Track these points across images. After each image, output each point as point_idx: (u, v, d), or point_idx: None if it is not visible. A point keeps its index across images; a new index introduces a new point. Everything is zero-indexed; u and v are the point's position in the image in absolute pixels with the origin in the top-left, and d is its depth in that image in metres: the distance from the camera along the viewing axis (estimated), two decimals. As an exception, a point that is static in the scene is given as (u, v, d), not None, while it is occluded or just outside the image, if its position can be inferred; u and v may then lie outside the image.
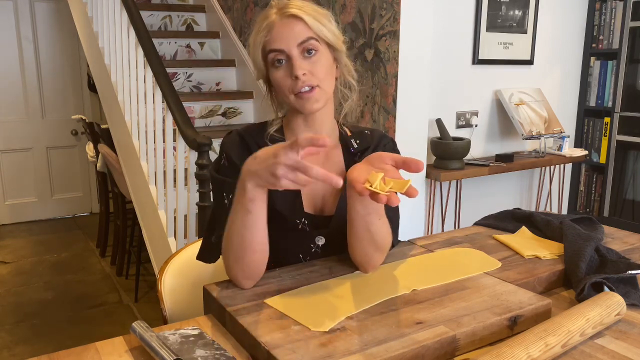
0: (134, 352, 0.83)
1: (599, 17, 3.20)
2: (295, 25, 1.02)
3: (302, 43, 1.02)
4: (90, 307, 3.22)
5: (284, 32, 1.02)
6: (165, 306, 1.18)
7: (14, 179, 4.77)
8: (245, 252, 0.94)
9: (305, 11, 1.03)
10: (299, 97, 1.04)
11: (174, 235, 2.54)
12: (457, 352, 0.82)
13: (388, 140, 1.19)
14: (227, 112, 3.57)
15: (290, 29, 1.02)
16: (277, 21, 1.03)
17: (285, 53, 1.02)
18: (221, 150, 1.11)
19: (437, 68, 2.66)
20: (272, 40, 1.03)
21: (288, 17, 1.03)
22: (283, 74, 1.04)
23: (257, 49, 1.05)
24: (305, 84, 1.02)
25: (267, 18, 1.05)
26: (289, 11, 1.03)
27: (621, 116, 3.12)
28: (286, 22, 1.03)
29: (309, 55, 1.03)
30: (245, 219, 0.92)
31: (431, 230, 2.75)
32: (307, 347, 0.78)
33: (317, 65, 1.03)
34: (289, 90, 1.04)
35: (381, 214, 0.99)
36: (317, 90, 1.04)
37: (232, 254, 0.96)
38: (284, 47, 1.02)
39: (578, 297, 0.99)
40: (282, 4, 1.06)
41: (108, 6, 3.06)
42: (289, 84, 1.03)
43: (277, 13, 1.04)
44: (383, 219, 1.00)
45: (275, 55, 1.03)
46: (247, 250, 0.94)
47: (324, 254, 1.13)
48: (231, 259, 0.96)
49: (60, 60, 4.82)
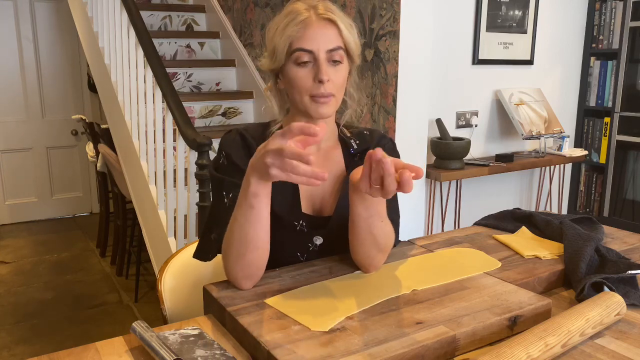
0: (134, 352, 0.83)
1: (599, 17, 3.20)
2: (329, 30, 1.03)
3: (332, 50, 1.03)
4: (90, 307, 3.22)
5: (318, 35, 1.02)
6: (165, 306, 1.18)
7: (14, 179, 4.77)
8: (247, 249, 0.94)
9: (340, 18, 1.04)
10: (315, 100, 1.04)
11: (174, 235, 2.54)
12: (457, 352, 0.82)
13: (387, 140, 1.19)
14: (227, 112, 3.57)
15: (324, 33, 1.02)
16: (313, 21, 1.02)
17: (313, 55, 1.03)
18: (220, 148, 1.11)
19: (437, 68, 2.65)
20: (304, 39, 1.02)
21: (325, 20, 1.03)
22: (305, 74, 1.03)
23: (283, 39, 1.03)
24: (327, 91, 1.03)
25: (300, 13, 1.03)
26: (326, 15, 1.03)
27: (621, 116, 3.12)
28: (322, 25, 1.03)
29: (334, 64, 1.04)
30: (248, 214, 0.91)
31: (431, 230, 2.75)
32: (307, 347, 0.78)
33: (338, 75, 1.05)
34: (306, 91, 1.04)
35: (383, 217, 0.99)
36: (333, 99, 1.05)
37: (233, 251, 0.95)
38: (314, 50, 1.02)
39: (578, 297, 0.99)
40: (314, 2, 1.05)
41: (108, 6, 3.06)
42: (309, 85, 1.03)
43: (311, 11, 1.03)
44: (385, 221, 1.00)
45: (302, 54, 1.02)
46: (249, 247, 0.94)
47: (321, 252, 1.13)
48: (232, 256, 0.96)
49: (60, 60, 4.82)
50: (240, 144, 1.10)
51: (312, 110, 1.05)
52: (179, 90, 3.43)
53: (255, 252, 0.95)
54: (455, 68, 2.79)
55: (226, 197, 1.05)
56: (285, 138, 0.80)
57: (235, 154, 1.08)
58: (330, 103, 1.05)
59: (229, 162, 1.08)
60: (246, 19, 3.57)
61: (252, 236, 0.94)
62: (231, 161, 1.08)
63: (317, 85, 1.03)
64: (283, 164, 0.80)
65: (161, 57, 2.90)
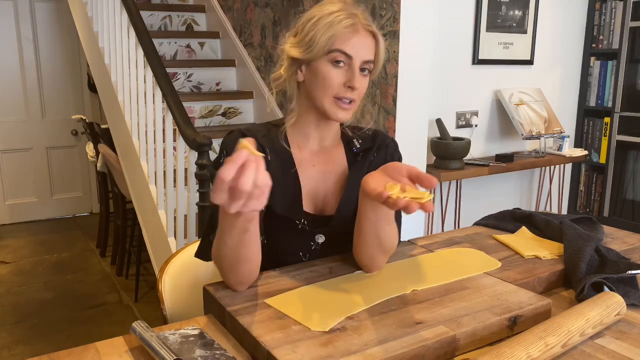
0: (134, 352, 0.83)
1: (599, 17, 3.20)
2: (371, 42, 1.07)
3: (366, 62, 1.06)
4: (90, 307, 3.22)
5: (361, 43, 1.05)
6: (165, 306, 1.18)
7: (14, 179, 4.77)
8: (240, 264, 0.94)
9: (379, 34, 1.09)
10: (337, 103, 1.06)
11: (174, 235, 2.54)
12: (457, 352, 0.82)
13: (390, 141, 1.20)
14: (227, 112, 3.57)
15: (366, 44, 1.06)
16: (360, 29, 1.05)
17: (350, 60, 1.04)
18: (222, 148, 1.10)
19: (437, 68, 2.65)
20: (349, 44, 1.04)
21: (369, 32, 1.07)
22: (337, 74, 1.05)
23: (326, 35, 1.03)
24: (353, 97, 1.06)
25: (351, 17, 1.05)
26: (371, 27, 1.07)
27: (621, 116, 3.12)
28: (366, 35, 1.06)
29: (363, 74, 1.07)
30: (242, 238, 0.90)
31: (431, 230, 2.75)
32: (307, 347, 0.78)
33: (363, 84, 1.08)
34: (333, 91, 1.05)
35: (391, 220, 0.99)
36: (354, 105, 1.08)
37: (225, 265, 0.95)
38: (354, 55, 1.04)
39: (578, 297, 0.99)
40: (357, 10, 1.07)
41: (108, 6, 3.06)
42: (338, 85, 1.05)
43: (356, 18, 1.05)
44: (392, 224, 1.00)
45: (340, 55, 1.04)
46: (242, 263, 0.94)
47: (323, 251, 1.13)
48: (224, 269, 0.95)
49: (60, 60, 4.82)
50: None
51: (331, 112, 1.06)
52: (179, 90, 3.43)
53: (248, 265, 0.95)
54: (455, 68, 2.79)
55: None
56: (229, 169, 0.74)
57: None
58: (351, 110, 1.08)
59: None
60: (246, 19, 3.57)
61: (246, 254, 0.93)
62: None
63: (346, 89, 1.05)
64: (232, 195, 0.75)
65: (161, 57, 2.90)
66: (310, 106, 1.09)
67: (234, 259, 0.93)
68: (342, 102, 1.06)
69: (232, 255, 0.92)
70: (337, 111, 1.06)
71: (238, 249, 0.91)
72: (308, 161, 1.13)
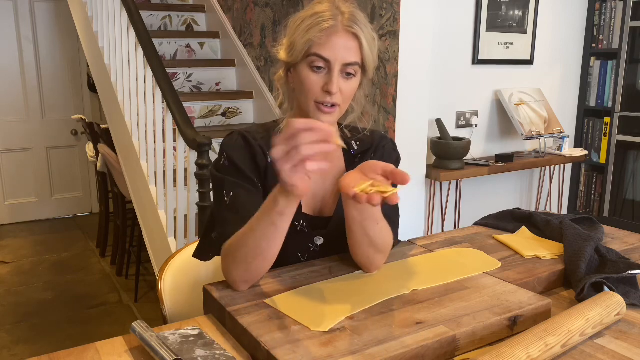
0: (134, 352, 0.83)
1: (599, 17, 3.20)
2: (351, 43, 1.01)
3: (348, 65, 1.02)
4: (90, 307, 3.22)
5: (339, 46, 1.01)
6: (165, 306, 1.18)
7: (14, 179, 4.77)
8: (255, 259, 0.94)
9: (365, 33, 1.02)
10: (319, 108, 1.04)
11: (174, 235, 2.54)
12: (457, 352, 0.82)
13: (388, 141, 1.19)
14: (227, 112, 3.57)
15: (345, 46, 1.01)
16: (338, 31, 1.01)
17: (329, 64, 1.01)
18: (222, 150, 1.10)
19: (437, 68, 2.65)
20: (324, 48, 1.00)
21: (349, 33, 1.01)
22: (316, 79, 1.02)
23: (304, 40, 1.01)
24: (332, 101, 1.03)
25: (325, 20, 1.00)
26: (352, 28, 1.01)
27: (621, 116, 3.12)
28: (345, 37, 1.01)
29: (346, 76, 1.03)
30: (267, 230, 0.91)
31: (431, 230, 2.75)
32: (307, 347, 0.78)
33: (348, 87, 1.04)
34: (313, 96, 1.03)
35: (378, 219, 0.99)
36: (337, 109, 1.05)
37: (239, 256, 0.95)
38: (332, 59, 1.01)
39: (578, 297, 0.99)
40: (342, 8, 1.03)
41: (108, 6, 3.06)
42: (316, 91, 1.03)
43: (338, 19, 1.01)
44: (382, 222, 1.00)
45: (317, 59, 1.01)
46: (258, 258, 0.94)
47: (322, 252, 1.13)
48: (236, 261, 0.95)
49: (60, 60, 4.82)
50: (242, 145, 1.09)
51: (314, 117, 1.05)
52: (179, 90, 3.43)
53: (262, 262, 0.96)
54: (455, 68, 2.79)
55: (226, 196, 1.05)
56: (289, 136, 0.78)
57: (236, 155, 1.08)
58: (333, 114, 1.05)
59: (230, 163, 1.08)
60: (246, 19, 3.57)
61: (265, 249, 0.94)
62: (232, 162, 1.07)
63: (324, 94, 1.02)
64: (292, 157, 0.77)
65: (161, 57, 2.90)
66: (301, 108, 1.09)
67: (252, 250, 0.93)
68: (323, 107, 1.03)
69: (252, 245, 0.93)
70: (319, 116, 1.04)
71: (260, 240, 0.92)
72: None
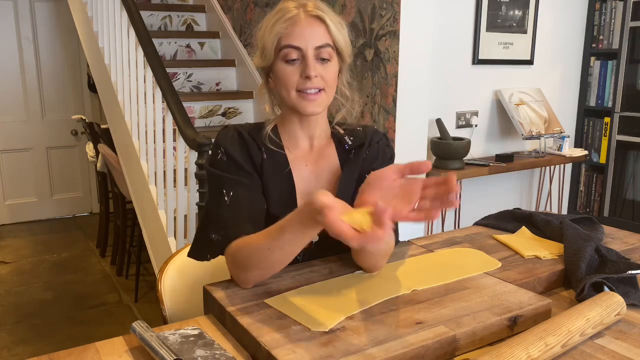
0: (134, 352, 0.83)
1: (599, 17, 3.20)
2: (317, 27, 1.03)
3: (320, 47, 1.03)
4: (90, 307, 3.22)
5: (306, 32, 1.02)
6: (165, 306, 1.18)
7: (14, 179, 4.77)
8: (275, 268, 0.96)
9: (329, 16, 1.04)
10: (302, 96, 1.04)
11: (174, 235, 2.54)
12: (457, 352, 0.82)
13: (381, 136, 1.18)
14: (227, 112, 3.57)
15: (312, 30, 1.02)
16: (302, 18, 1.02)
17: (301, 52, 1.02)
18: (217, 145, 1.09)
19: (437, 68, 2.65)
20: (292, 36, 1.02)
21: (312, 17, 1.03)
22: (292, 70, 1.03)
23: (272, 37, 1.03)
24: (314, 86, 1.03)
25: (289, 11, 1.03)
26: (314, 12, 1.03)
27: (621, 116, 3.12)
28: (310, 22, 1.03)
29: (322, 62, 1.04)
30: (303, 244, 0.91)
31: (431, 230, 2.75)
32: (307, 347, 0.78)
33: (327, 72, 1.05)
34: (294, 87, 1.03)
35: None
36: (323, 94, 1.05)
37: (252, 262, 0.94)
38: (302, 46, 1.02)
39: (578, 297, 0.99)
40: (303, 1, 1.05)
41: (108, 6, 3.06)
42: (295, 80, 1.03)
43: (300, 9, 1.03)
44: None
45: (290, 51, 1.02)
46: (270, 267, 0.96)
47: (317, 250, 1.12)
48: (247, 266, 0.95)
49: (60, 60, 4.82)
50: (237, 140, 1.09)
51: (300, 107, 1.05)
52: (179, 90, 3.43)
53: (273, 271, 0.97)
54: (455, 68, 2.79)
55: (226, 195, 1.04)
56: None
57: (234, 150, 1.07)
58: (319, 100, 1.05)
59: (228, 158, 1.06)
60: (246, 18, 3.57)
61: (279, 259, 0.94)
62: (230, 157, 1.06)
63: (304, 81, 1.03)
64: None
65: (161, 57, 2.89)
66: (287, 108, 1.09)
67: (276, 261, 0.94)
68: (306, 94, 1.03)
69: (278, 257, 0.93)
70: (304, 105, 1.04)
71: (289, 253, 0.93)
72: (300, 161, 1.12)
